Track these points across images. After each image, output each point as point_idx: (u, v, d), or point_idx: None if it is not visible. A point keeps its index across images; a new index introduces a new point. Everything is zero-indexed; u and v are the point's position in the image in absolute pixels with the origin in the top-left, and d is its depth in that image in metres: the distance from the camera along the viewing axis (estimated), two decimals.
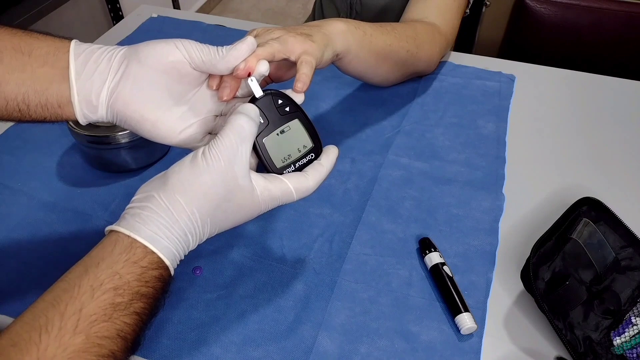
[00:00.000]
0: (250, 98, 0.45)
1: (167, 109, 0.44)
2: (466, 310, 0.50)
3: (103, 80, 0.41)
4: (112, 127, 0.61)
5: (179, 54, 0.42)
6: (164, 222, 0.38)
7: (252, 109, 0.42)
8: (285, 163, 0.45)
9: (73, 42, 0.42)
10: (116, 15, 1.95)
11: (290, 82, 0.51)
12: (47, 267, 0.55)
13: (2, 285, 0.53)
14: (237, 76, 0.44)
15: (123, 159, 0.64)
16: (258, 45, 0.46)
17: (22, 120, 0.41)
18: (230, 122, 0.40)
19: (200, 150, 0.40)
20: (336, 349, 0.48)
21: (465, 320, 0.49)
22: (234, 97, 0.46)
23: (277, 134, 0.45)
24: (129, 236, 0.37)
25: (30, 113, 0.41)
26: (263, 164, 0.44)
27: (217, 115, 0.48)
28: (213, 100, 0.47)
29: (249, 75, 0.44)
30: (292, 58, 0.49)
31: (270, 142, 0.44)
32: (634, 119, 0.74)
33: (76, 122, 0.52)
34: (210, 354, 0.48)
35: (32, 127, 0.70)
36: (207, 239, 0.42)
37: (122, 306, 0.35)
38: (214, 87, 0.45)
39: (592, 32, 1.05)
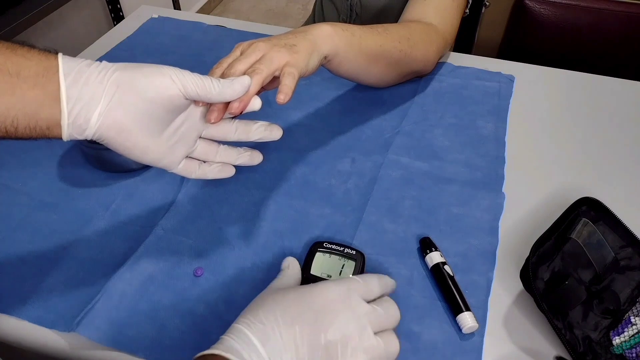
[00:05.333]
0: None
1: (157, 135, 0.45)
2: (467, 309, 0.50)
3: (95, 106, 0.41)
4: None
5: (175, 88, 0.42)
6: None
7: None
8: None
9: (61, 59, 0.40)
10: (117, 15, 1.95)
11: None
12: (47, 267, 0.55)
13: (3, 285, 0.54)
14: (232, 114, 0.47)
15: (123, 159, 0.63)
16: (247, 73, 0.49)
17: (7, 138, 0.41)
18: None
19: None
20: None
21: (467, 320, 0.49)
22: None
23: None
24: None
25: (18, 134, 0.40)
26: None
27: (199, 137, 0.49)
28: (200, 122, 0.48)
29: (242, 112, 0.47)
30: (277, 73, 0.52)
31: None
32: (632, 119, 0.74)
33: None
34: None
35: None
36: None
37: None
38: (201, 104, 0.47)
39: (591, 33, 1.06)
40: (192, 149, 0.49)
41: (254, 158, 0.52)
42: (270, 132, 0.51)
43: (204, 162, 0.50)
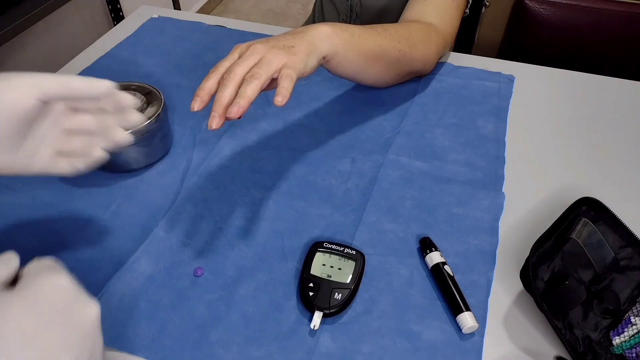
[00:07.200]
0: None
1: (18, 148, 0.43)
2: (467, 309, 0.50)
3: None
4: None
5: (31, 99, 0.41)
6: None
7: None
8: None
9: None
10: (117, 15, 1.95)
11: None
12: None
13: None
14: (231, 118, 0.48)
15: (124, 159, 0.64)
16: (246, 79, 0.49)
17: None
18: None
19: None
20: (338, 348, 0.48)
21: (467, 319, 0.49)
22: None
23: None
24: None
25: None
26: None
27: (64, 129, 0.47)
28: (62, 116, 0.46)
29: (240, 117, 0.47)
30: (276, 75, 0.52)
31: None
32: (632, 119, 0.74)
33: None
34: (212, 354, 0.48)
35: None
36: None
37: None
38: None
39: (591, 33, 1.06)
40: (56, 145, 0.46)
41: (116, 139, 0.48)
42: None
43: (70, 154, 0.48)
